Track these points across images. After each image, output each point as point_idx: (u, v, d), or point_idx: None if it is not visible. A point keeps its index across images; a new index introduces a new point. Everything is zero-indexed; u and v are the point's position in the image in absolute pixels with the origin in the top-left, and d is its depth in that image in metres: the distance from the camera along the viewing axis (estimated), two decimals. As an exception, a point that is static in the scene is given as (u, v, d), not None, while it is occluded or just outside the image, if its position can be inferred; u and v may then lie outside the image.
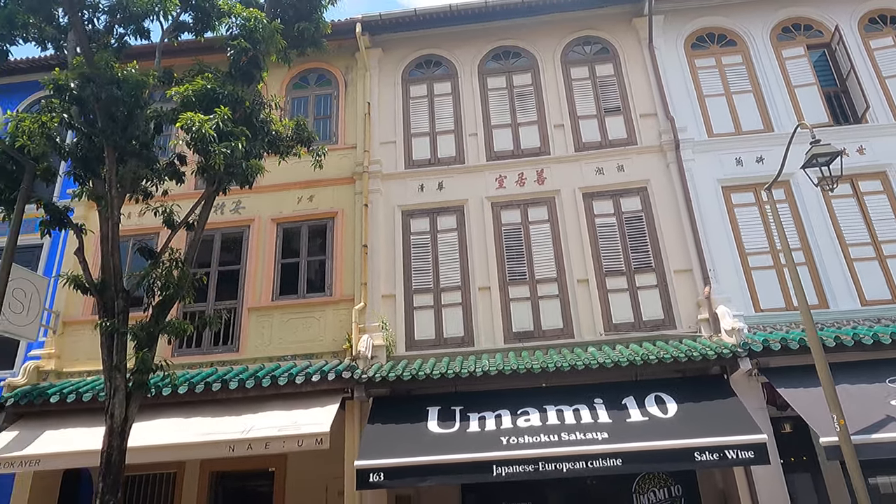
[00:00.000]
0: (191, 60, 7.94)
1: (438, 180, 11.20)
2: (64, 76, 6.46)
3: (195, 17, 7.76)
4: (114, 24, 6.69)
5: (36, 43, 7.32)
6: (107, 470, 6.19)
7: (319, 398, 9.24)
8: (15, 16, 6.66)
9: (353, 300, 10.39)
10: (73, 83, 6.21)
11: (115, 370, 6.45)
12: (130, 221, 10.54)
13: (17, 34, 6.95)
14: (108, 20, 6.70)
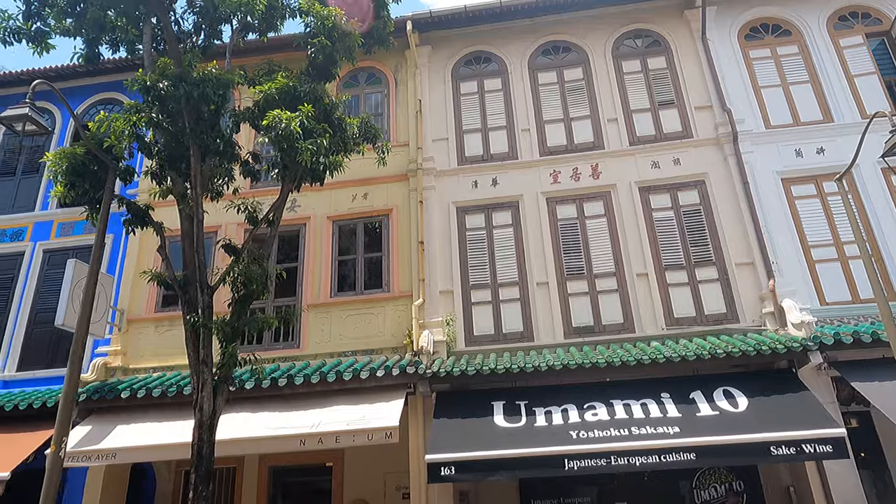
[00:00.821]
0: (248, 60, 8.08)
1: (492, 176, 11.22)
2: (150, 77, 6.60)
3: (261, 18, 7.85)
4: (202, 25, 6.82)
5: (111, 46, 7.48)
6: (199, 462, 6.32)
7: (383, 393, 9.33)
8: (104, 20, 6.84)
9: (411, 296, 10.47)
10: (162, 83, 6.34)
11: (203, 364, 6.58)
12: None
13: (104, 38, 7.13)
14: (197, 21, 6.83)
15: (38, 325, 11.27)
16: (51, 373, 10.81)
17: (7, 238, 11.99)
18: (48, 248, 11.81)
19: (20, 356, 11.03)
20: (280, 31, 8.40)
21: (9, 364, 10.94)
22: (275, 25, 8.12)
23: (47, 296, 11.47)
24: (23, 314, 11.30)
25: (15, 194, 12.49)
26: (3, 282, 11.66)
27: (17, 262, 11.75)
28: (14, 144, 13.01)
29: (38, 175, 12.59)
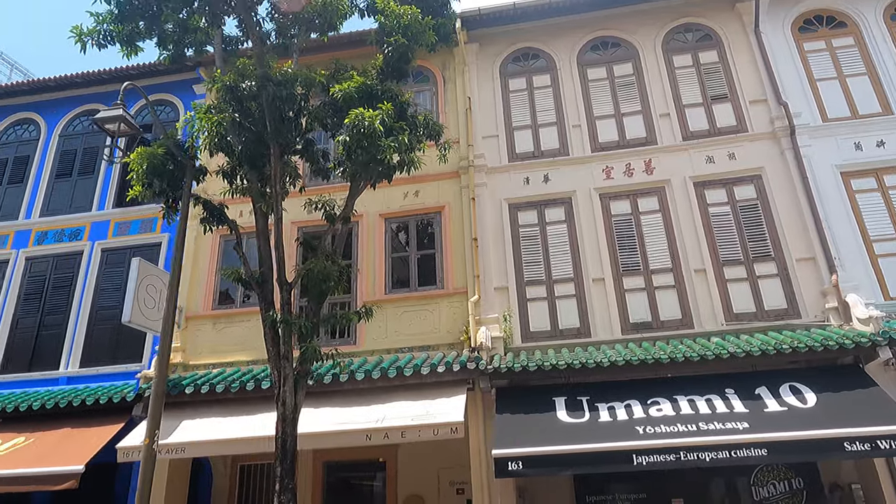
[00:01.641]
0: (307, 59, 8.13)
1: (544, 173, 11.23)
2: (229, 77, 6.72)
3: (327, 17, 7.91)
4: (287, 25, 6.92)
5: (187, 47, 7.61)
6: (283, 455, 6.44)
7: (443, 389, 9.39)
8: (188, 21, 6.98)
9: (466, 293, 10.52)
10: (245, 83, 6.45)
11: (284, 359, 6.70)
12: (242, 219, 10.90)
13: (188, 38, 7.28)
14: (280, 21, 6.92)
15: (99, 323, 11.52)
16: (112, 369, 11.06)
17: (66, 238, 12.27)
18: (106, 248, 12.06)
19: (82, 353, 11.28)
20: (339, 30, 8.49)
21: (72, 360, 11.20)
22: (335, 25, 8.20)
23: (106, 294, 11.73)
24: (84, 312, 11.56)
25: (72, 195, 12.77)
26: (63, 280, 11.93)
27: (77, 262, 12.02)
28: (70, 146, 13.30)
29: (94, 176, 12.87)
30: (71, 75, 13.28)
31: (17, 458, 9.33)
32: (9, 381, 11.20)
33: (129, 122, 6.92)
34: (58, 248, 12.19)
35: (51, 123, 13.53)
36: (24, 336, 11.62)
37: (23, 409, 10.04)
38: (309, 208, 7.91)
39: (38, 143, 13.41)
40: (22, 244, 12.33)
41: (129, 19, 6.66)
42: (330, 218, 7.32)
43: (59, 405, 9.98)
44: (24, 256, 12.22)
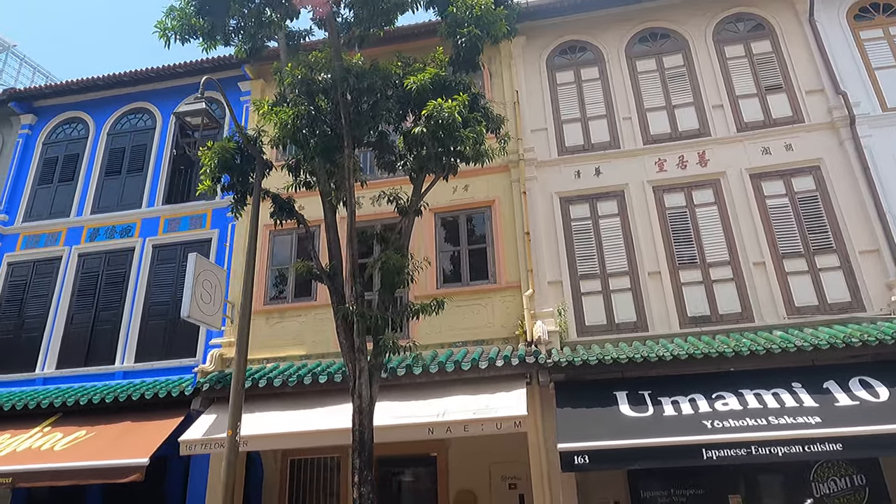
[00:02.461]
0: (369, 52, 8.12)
1: (594, 166, 11.13)
2: (299, 70, 6.73)
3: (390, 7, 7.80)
4: (364, 18, 6.91)
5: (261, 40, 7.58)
6: (360, 448, 6.45)
7: (501, 383, 9.36)
8: (263, 16, 7.02)
9: (519, 287, 10.47)
10: (321, 76, 6.46)
11: (359, 352, 6.70)
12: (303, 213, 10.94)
13: (262, 33, 7.31)
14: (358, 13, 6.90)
15: (152, 318, 11.65)
16: (166, 364, 11.18)
17: (117, 234, 12.41)
18: (157, 244, 12.19)
19: (137, 348, 11.41)
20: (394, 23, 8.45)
21: (127, 355, 11.33)
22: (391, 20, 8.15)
23: (158, 290, 11.86)
24: (137, 307, 11.69)
25: (121, 192, 12.92)
26: (116, 276, 12.08)
27: (128, 258, 12.16)
28: (118, 144, 13.45)
29: (143, 173, 13.00)
30: (119, 74, 13.42)
31: (80, 450, 9.46)
32: (66, 375, 11.37)
33: (211, 115, 6.95)
34: (109, 245, 12.34)
35: (99, 122, 13.69)
36: (79, 331, 11.78)
37: (83, 402, 10.18)
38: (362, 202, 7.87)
39: (86, 141, 13.58)
40: (74, 241, 12.50)
41: (210, 14, 6.70)
42: (402, 211, 7.31)
43: (118, 399, 10.10)
44: (76, 253, 12.39)
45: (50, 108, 14.01)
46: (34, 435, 10.05)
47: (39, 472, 9.13)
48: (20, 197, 13.22)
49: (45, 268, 12.41)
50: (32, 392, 10.99)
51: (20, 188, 13.31)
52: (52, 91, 13.69)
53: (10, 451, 9.68)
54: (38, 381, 11.41)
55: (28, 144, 13.72)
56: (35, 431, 10.13)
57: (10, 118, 13.97)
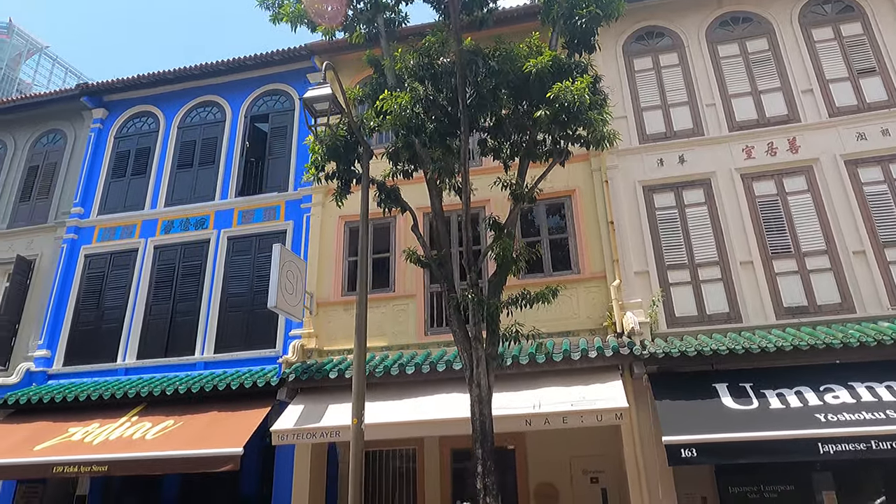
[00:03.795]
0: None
1: (678, 154, 10.86)
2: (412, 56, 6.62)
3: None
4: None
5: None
6: (482, 437, 6.35)
7: (593, 374, 9.19)
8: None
9: (604, 277, 10.28)
10: (439, 60, 6.34)
11: (476, 341, 6.59)
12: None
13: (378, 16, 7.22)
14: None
15: (230, 309, 11.70)
16: (245, 354, 11.22)
17: (192, 227, 12.50)
18: (232, 236, 12.23)
19: (216, 339, 11.47)
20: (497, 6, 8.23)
21: (207, 346, 11.40)
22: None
23: (235, 281, 11.90)
24: (214, 298, 11.74)
25: (194, 185, 13.00)
26: (192, 268, 12.16)
27: (204, 249, 12.23)
28: (189, 137, 13.54)
29: (214, 166, 13.07)
30: (188, 67, 13.49)
31: (171, 440, 9.52)
32: (147, 366, 11.49)
33: (337, 101, 6.88)
34: (185, 237, 12.42)
35: (169, 116, 13.80)
36: (158, 322, 11.89)
37: (169, 392, 10.26)
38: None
39: (157, 134, 13.69)
40: (149, 233, 12.62)
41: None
42: (518, 197, 7.17)
43: (204, 389, 10.16)
44: (152, 245, 12.50)
45: (120, 102, 14.16)
46: (123, 424, 10.17)
47: (134, 461, 9.21)
48: (94, 190, 13.38)
49: (121, 259, 12.55)
50: (116, 382, 11.12)
51: (94, 182, 13.47)
52: (123, 85, 13.81)
53: (102, 439, 9.81)
54: (121, 371, 11.54)
55: (100, 139, 13.89)
56: (123, 420, 10.25)
57: (81, 113, 14.16)
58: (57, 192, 13.53)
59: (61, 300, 12.34)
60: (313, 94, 6.79)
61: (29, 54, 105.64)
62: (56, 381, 11.65)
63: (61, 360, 11.91)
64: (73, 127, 14.17)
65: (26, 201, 13.71)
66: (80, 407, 10.62)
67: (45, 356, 11.86)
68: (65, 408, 10.70)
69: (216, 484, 11.94)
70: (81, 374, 11.65)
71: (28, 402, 10.77)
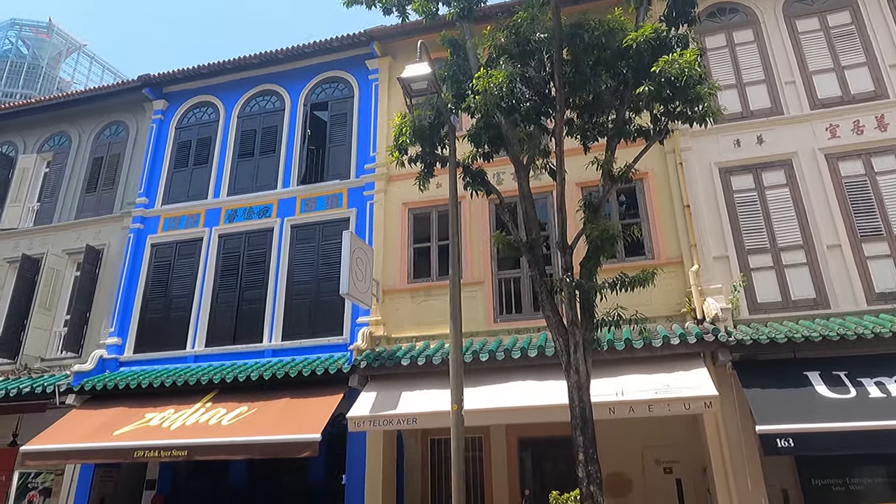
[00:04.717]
0: None
1: (756, 134, 10.45)
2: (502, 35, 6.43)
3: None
4: None
5: None
6: (583, 424, 6.19)
7: (675, 361, 8.93)
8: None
9: (680, 262, 9.99)
10: (537, 35, 6.14)
11: (573, 325, 6.41)
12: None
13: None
14: None
15: (296, 297, 11.73)
16: (311, 342, 11.24)
17: (255, 215, 12.55)
18: (295, 224, 12.24)
19: (283, 326, 11.51)
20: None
21: (274, 334, 11.46)
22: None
23: (300, 269, 11.93)
24: (280, 286, 11.79)
25: (256, 174, 13.05)
26: (257, 256, 12.22)
27: (268, 238, 12.27)
28: (249, 127, 13.58)
29: (275, 154, 13.09)
30: (247, 57, 13.52)
31: (247, 426, 9.58)
32: (216, 353, 11.61)
33: (435, 80, 6.74)
34: (248, 226, 12.49)
35: (228, 105, 13.86)
36: (224, 310, 12.00)
37: (241, 379, 10.33)
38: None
39: (217, 124, 13.78)
40: (213, 222, 12.72)
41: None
42: (612, 178, 6.95)
43: (276, 376, 10.20)
44: (216, 234, 12.60)
45: (179, 93, 14.28)
46: (197, 410, 10.28)
47: (214, 446, 9.30)
48: (158, 180, 13.55)
49: (186, 248, 12.69)
50: (187, 369, 11.26)
51: (157, 172, 13.64)
52: (183, 76, 13.91)
53: (179, 424, 9.93)
54: (190, 358, 11.68)
55: (161, 129, 14.04)
56: (198, 406, 10.36)
57: (142, 104, 14.32)
58: (121, 183, 13.74)
59: (130, 288, 12.55)
60: (411, 74, 6.65)
61: (68, 53, 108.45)
62: (128, 367, 11.86)
63: (132, 348, 12.12)
64: (134, 119, 14.36)
65: (92, 192, 13.96)
66: (153, 393, 10.79)
67: (117, 343, 12.08)
68: (139, 394, 10.88)
69: (283, 471, 12.06)
70: (152, 361, 11.84)
71: (104, 388, 10.98)
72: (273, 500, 12.15)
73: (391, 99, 12.74)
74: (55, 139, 14.96)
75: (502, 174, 10.89)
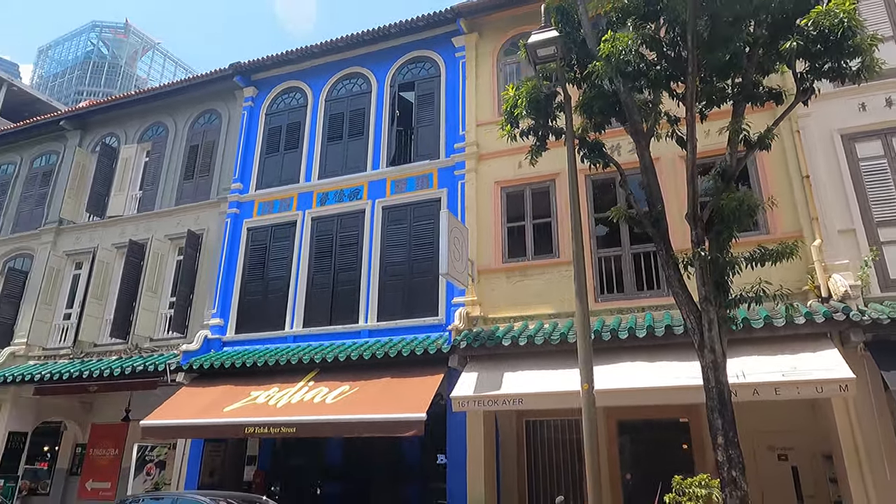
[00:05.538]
0: None
1: (884, 96, 9.59)
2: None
3: None
4: None
5: None
6: (721, 406, 5.86)
7: (798, 342, 8.40)
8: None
9: (799, 237, 9.30)
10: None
11: (707, 302, 6.06)
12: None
13: None
14: None
15: (389, 278, 11.78)
16: (406, 322, 11.26)
17: (346, 198, 12.66)
18: (386, 205, 12.27)
19: (378, 308, 11.60)
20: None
21: (370, 315, 11.56)
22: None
23: (392, 250, 11.96)
24: (374, 268, 11.87)
25: (345, 157, 13.16)
26: (350, 238, 12.35)
27: (360, 220, 12.37)
28: (336, 110, 13.69)
29: (363, 137, 13.14)
30: (334, 40, 13.60)
31: (351, 404, 9.72)
32: (314, 333, 11.84)
33: (563, 45, 6.49)
34: (340, 208, 12.62)
35: (316, 90, 14.01)
36: (320, 292, 12.21)
37: (342, 358, 10.48)
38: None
39: (306, 109, 13.96)
40: (306, 205, 12.93)
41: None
42: (750, 144, 6.50)
43: (376, 356, 10.29)
44: (309, 217, 12.81)
45: (268, 79, 14.55)
46: (301, 388, 10.52)
47: (321, 424, 9.50)
48: (251, 166, 13.89)
49: (281, 232, 12.97)
50: (287, 349, 11.54)
51: (250, 158, 13.98)
52: (272, 62, 14.15)
53: (285, 402, 10.19)
54: (289, 338, 11.97)
55: (252, 116, 14.36)
56: (301, 385, 10.61)
57: (233, 92, 14.69)
58: (216, 170, 14.18)
59: (229, 271, 12.96)
60: (537, 39, 6.39)
61: (143, 51, 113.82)
62: (230, 347, 12.29)
63: (233, 328, 12.54)
64: (226, 106, 14.75)
65: (190, 179, 14.48)
66: (258, 372, 11.14)
67: (219, 324, 12.53)
68: (244, 372, 11.26)
69: (375, 450, 12.25)
70: (253, 341, 12.21)
71: (211, 366, 11.42)
72: (366, 478, 12.39)
73: (479, 77, 12.51)
74: (153, 129, 15.59)
75: (614, 146, 10.50)
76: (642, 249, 10.30)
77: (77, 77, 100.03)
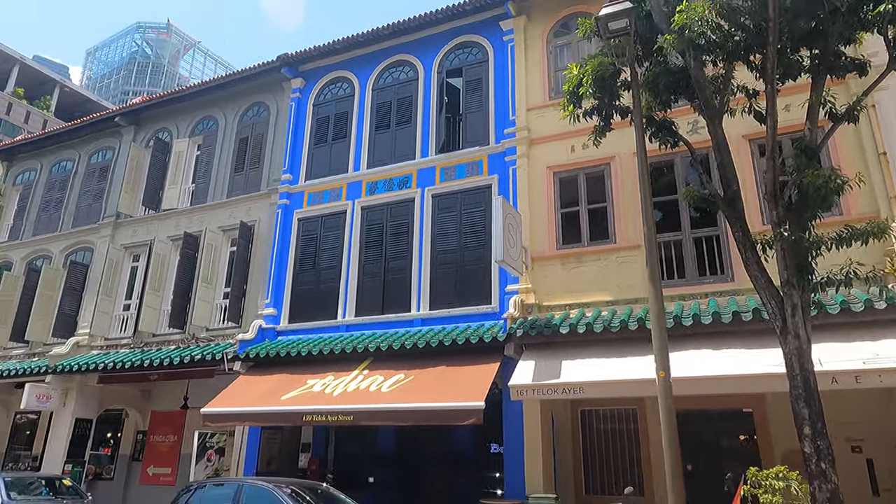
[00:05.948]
0: None
1: (970, 65, 8.94)
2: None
3: None
4: None
5: None
6: (807, 395, 5.58)
7: (876, 328, 7.97)
8: None
9: (876, 217, 8.76)
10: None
11: (789, 286, 5.76)
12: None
13: None
14: None
15: (440, 266, 11.70)
16: (459, 311, 11.16)
17: (395, 186, 12.62)
18: (436, 194, 12.17)
19: (430, 296, 11.54)
20: None
21: (422, 303, 11.51)
22: None
23: (443, 238, 11.86)
24: (425, 256, 11.80)
25: (393, 145, 13.10)
26: (400, 227, 12.31)
27: (410, 208, 12.31)
28: (383, 99, 13.63)
29: (411, 125, 13.05)
30: (379, 28, 13.52)
31: (407, 393, 9.70)
32: (366, 322, 11.87)
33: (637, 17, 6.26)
34: (390, 197, 12.59)
35: (362, 79, 13.97)
36: (372, 281, 12.23)
37: (396, 347, 10.47)
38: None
39: (353, 99, 13.95)
40: (355, 195, 12.95)
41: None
42: (836, 118, 6.15)
43: (430, 344, 10.24)
44: (359, 206, 12.82)
45: (315, 70, 14.59)
46: (356, 377, 10.56)
47: (378, 412, 9.51)
48: (300, 157, 13.98)
49: (331, 222, 13.03)
50: (340, 338, 11.59)
51: (299, 149, 14.07)
52: (318, 53, 14.18)
53: (341, 391, 10.25)
54: (342, 327, 12.04)
55: (300, 107, 14.44)
56: (356, 374, 10.65)
57: (281, 84, 14.79)
58: (266, 161, 14.32)
59: (281, 261, 13.10)
60: (610, 10, 6.16)
61: (185, 50, 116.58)
62: (285, 336, 12.43)
63: (286, 318, 12.68)
64: (274, 98, 14.88)
65: (240, 171, 14.68)
66: (312, 361, 11.23)
67: (273, 314, 12.68)
68: (299, 361, 11.37)
69: (428, 439, 12.24)
70: (306, 330, 12.32)
71: (267, 355, 11.57)
72: (417, 467, 12.41)
73: (528, 60, 12.25)
74: (203, 123, 15.85)
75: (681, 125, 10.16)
76: (704, 234, 9.94)
77: (123, 77, 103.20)
